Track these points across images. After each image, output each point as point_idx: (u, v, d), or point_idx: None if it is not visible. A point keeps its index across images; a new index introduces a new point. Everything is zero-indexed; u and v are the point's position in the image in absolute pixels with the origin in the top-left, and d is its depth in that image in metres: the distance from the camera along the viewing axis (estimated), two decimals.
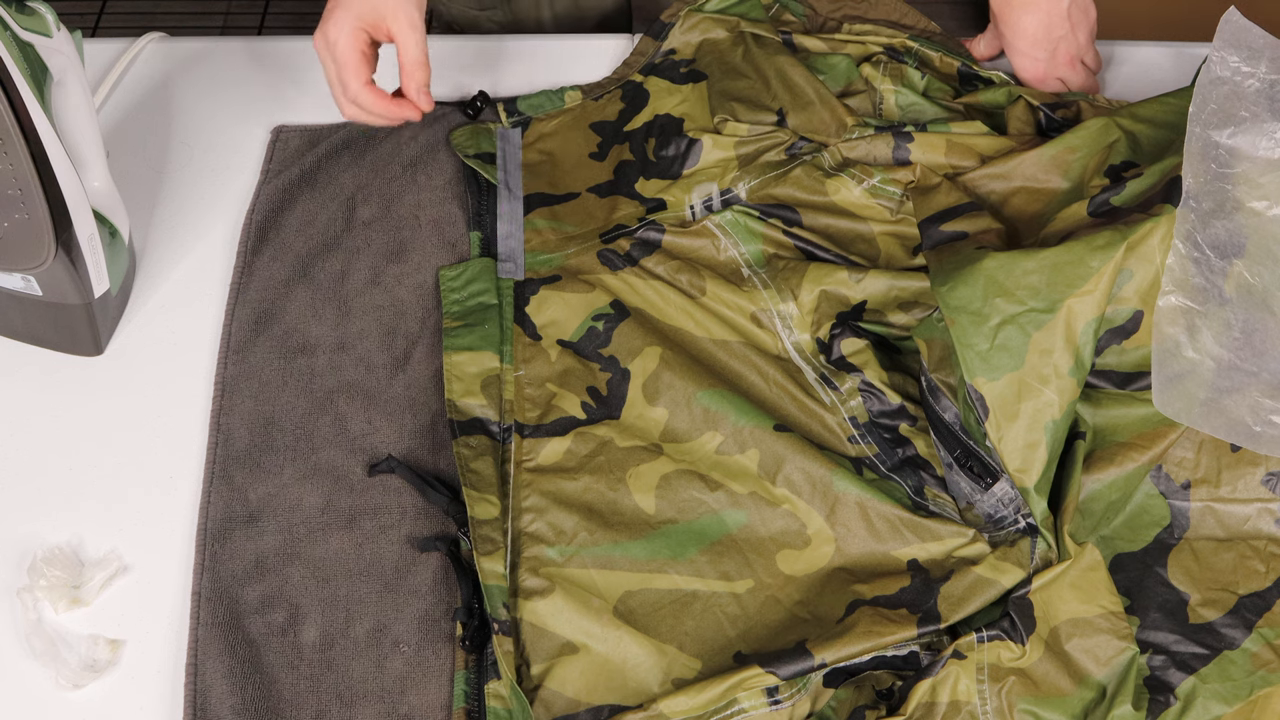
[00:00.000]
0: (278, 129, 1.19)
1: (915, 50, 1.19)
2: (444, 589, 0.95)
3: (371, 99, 1.07)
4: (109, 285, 1.04)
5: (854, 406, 1.02)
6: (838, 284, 1.05)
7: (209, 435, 1.02)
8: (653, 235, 1.09)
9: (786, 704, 0.89)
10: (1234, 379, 0.92)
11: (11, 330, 1.06)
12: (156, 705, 0.92)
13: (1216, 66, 0.98)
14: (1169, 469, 0.97)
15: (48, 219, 0.95)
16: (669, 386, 1.01)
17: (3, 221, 0.94)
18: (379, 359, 1.05)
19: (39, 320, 1.04)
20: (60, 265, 0.98)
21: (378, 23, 1.06)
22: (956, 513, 0.98)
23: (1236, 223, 0.94)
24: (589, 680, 0.91)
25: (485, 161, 1.15)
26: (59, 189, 0.95)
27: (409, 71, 1.07)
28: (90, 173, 1.03)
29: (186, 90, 1.22)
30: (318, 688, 0.92)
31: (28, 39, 0.94)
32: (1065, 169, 1.07)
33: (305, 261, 1.10)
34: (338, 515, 0.98)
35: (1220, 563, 0.96)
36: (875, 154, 1.11)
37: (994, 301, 0.93)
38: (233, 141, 1.18)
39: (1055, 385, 0.92)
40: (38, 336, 1.06)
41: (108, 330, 1.06)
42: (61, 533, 0.98)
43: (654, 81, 1.19)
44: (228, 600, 0.95)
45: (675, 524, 0.97)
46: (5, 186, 0.93)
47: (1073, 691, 0.89)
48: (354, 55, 1.06)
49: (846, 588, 0.94)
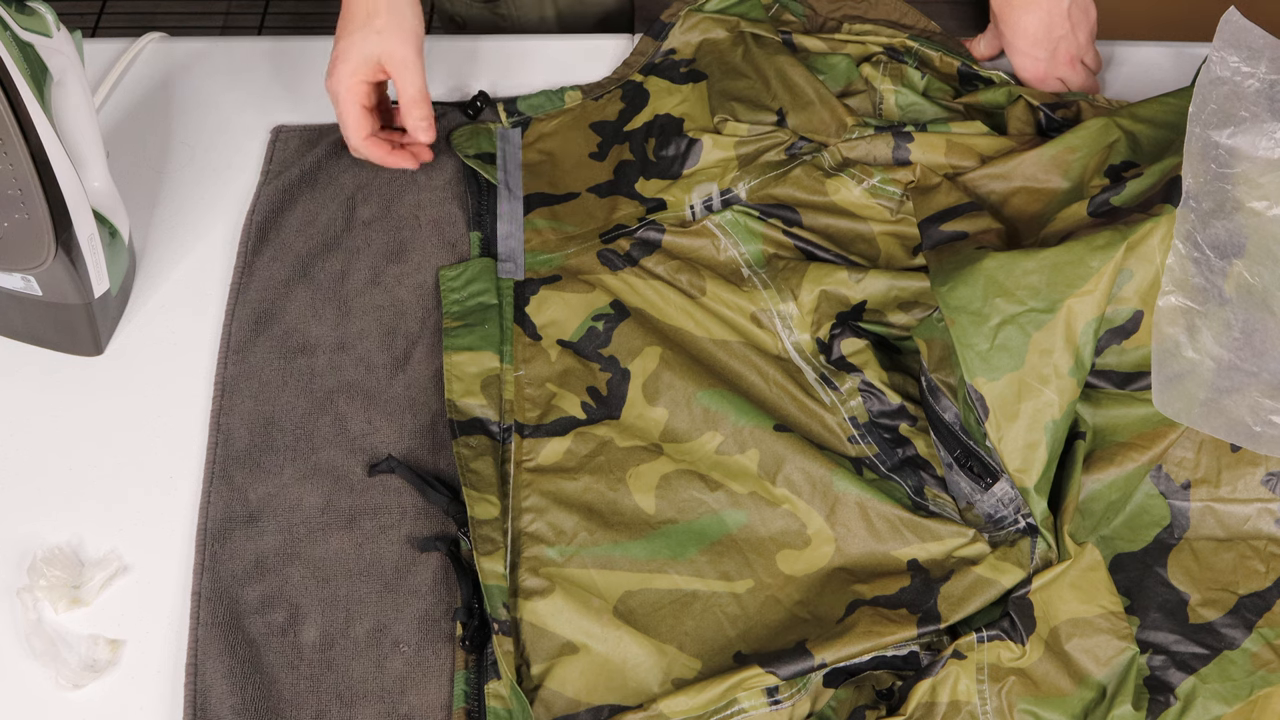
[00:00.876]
0: (278, 129, 1.19)
1: (915, 50, 1.19)
2: (444, 589, 0.95)
3: (372, 152, 1.13)
4: (109, 285, 1.04)
5: (854, 406, 1.02)
6: (838, 284, 1.05)
7: (209, 435, 1.02)
8: (653, 235, 1.09)
9: (786, 704, 0.89)
10: (1234, 379, 0.92)
11: (11, 330, 1.06)
12: (156, 705, 0.92)
13: (1216, 67, 0.98)
14: (1169, 469, 0.97)
15: (48, 219, 0.95)
16: (669, 386, 1.02)
17: (2, 221, 0.94)
18: (379, 359, 1.05)
19: (39, 320, 1.04)
20: (60, 265, 0.98)
21: (375, 70, 1.11)
22: (956, 513, 0.98)
23: (1236, 223, 0.94)
24: (589, 680, 0.91)
25: (485, 161, 1.15)
26: (59, 189, 0.95)
27: (408, 110, 1.13)
28: (90, 173, 1.03)
29: (186, 90, 1.22)
30: (318, 688, 0.92)
31: (28, 39, 0.94)
32: (1065, 169, 1.07)
33: (305, 261, 1.10)
34: (338, 515, 0.98)
35: (1220, 563, 0.96)
36: (875, 154, 1.11)
37: (994, 301, 0.93)
38: (233, 141, 1.18)
39: (1055, 385, 0.92)
40: (38, 336, 1.06)
41: (108, 330, 1.06)
42: (61, 533, 0.98)
43: (654, 81, 1.19)
44: (228, 600, 0.95)
45: (675, 524, 0.97)
46: (5, 187, 0.93)
47: (1073, 691, 0.89)
48: (353, 111, 1.12)
49: (846, 588, 0.94)
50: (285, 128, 1.19)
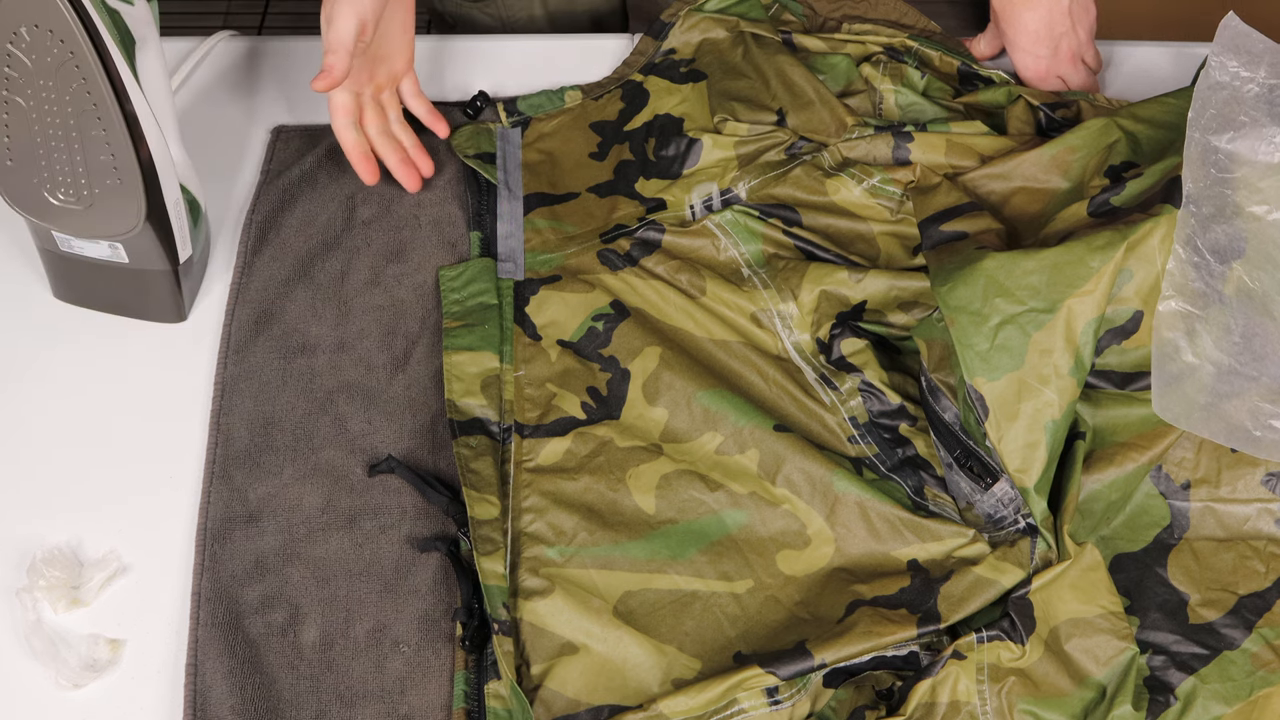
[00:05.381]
0: (277, 129, 1.18)
1: (915, 50, 1.19)
2: (444, 589, 0.95)
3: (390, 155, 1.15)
4: (191, 251, 1.05)
5: (854, 406, 1.02)
6: (838, 284, 1.05)
7: (209, 435, 1.02)
8: (653, 235, 1.09)
9: (786, 704, 0.89)
10: (1233, 384, 0.92)
11: (93, 300, 1.07)
12: (156, 705, 0.92)
13: (1216, 71, 0.98)
14: (1169, 469, 0.97)
15: (140, 184, 0.96)
16: (669, 387, 1.01)
17: (94, 188, 0.96)
18: (379, 359, 1.05)
19: (123, 289, 1.05)
20: (149, 231, 0.99)
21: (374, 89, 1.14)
22: (956, 513, 0.98)
23: (1236, 227, 0.94)
24: (589, 680, 0.91)
25: (485, 161, 1.15)
26: (150, 154, 0.96)
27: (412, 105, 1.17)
28: (171, 139, 1.04)
29: (187, 90, 1.21)
30: (318, 688, 0.92)
31: (114, 6, 0.95)
32: (1065, 169, 1.07)
33: (305, 261, 1.10)
34: (338, 515, 0.98)
35: (1220, 563, 0.96)
36: (875, 154, 1.11)
37: (994, 301, 0.93)
38: (233, 141, 1.18)
39: (1055, 385, 0.92)
40: (121, 305, 1.07)
41: (190, 296, 1.08)
42: (61, 533, 0.98)
43: (654, 81, 1.19)
44: (228, 600, 0.95)
45: (675, 524, 0.97)
46: (98, 153, 0.94)
47: (1073, 691, 0.89)
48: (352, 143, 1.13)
49: (846, 588, 0.94)
50: (285, 128, 1.19)
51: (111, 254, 1.01)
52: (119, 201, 0.97)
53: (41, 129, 0.93)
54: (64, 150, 0.94)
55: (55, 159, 0.95)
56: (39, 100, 0.92)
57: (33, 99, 0.92)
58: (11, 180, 0.96)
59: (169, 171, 0.99)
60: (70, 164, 0.95)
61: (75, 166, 0.95)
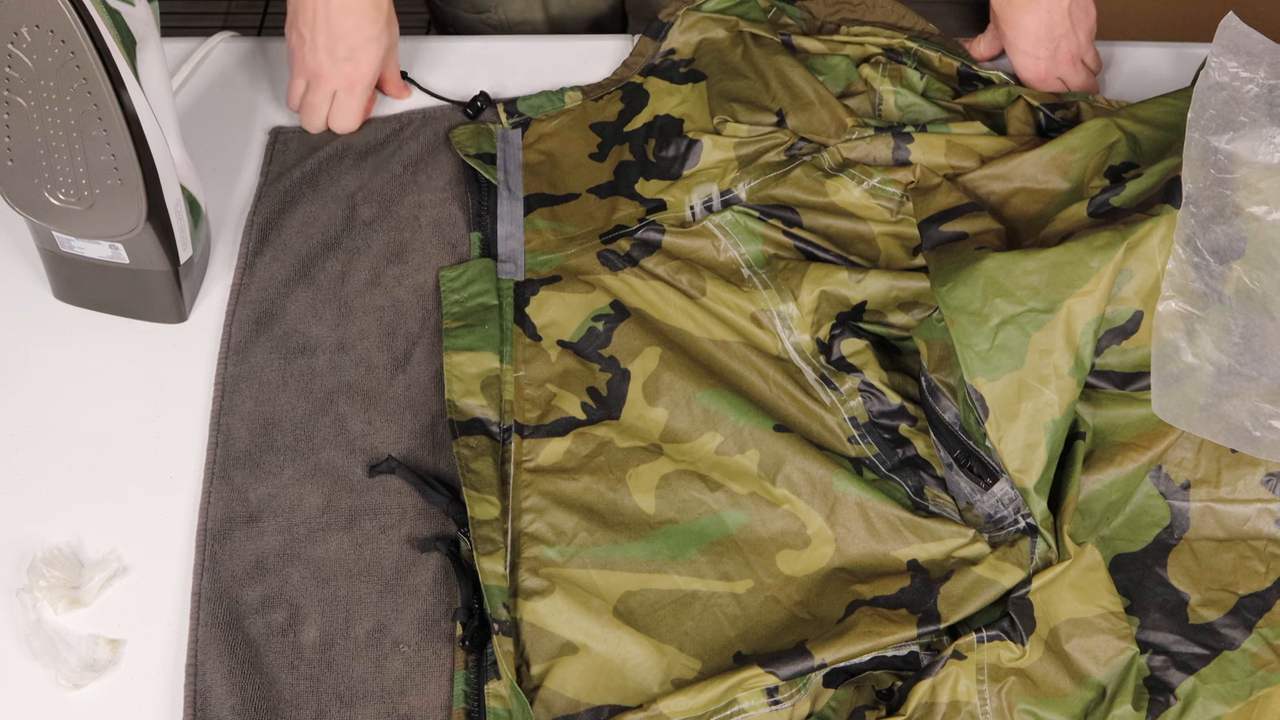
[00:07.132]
0: (277, 130, 1.18)
1: (914, 51, 1.19)
2: (444, 589, 0.95)
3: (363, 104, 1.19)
4: (192, 251, 1.05)
5: (854, 407, 1.02)
6: (838, 284, 1.05)
7: (209, 435, 1.02)
8: (653, 236, 1.09)
9: (786, 704, 0.89)
10: (1233, 384, 0.92)
11: (93, 300, 1.07)
12: (156, 705, 0.92)
13: (1215, 72, 0.98)
14: (1169, 469, 0.97)
15: (140, 184, 0.96)
16: (669, 387, 1.01)
17: (95, 189, 0.96)
18: (379, 359, 1.05)
19: (123, 289, 1.05)
20: (150, 231, 0.99)
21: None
22: (956, 513, 0.98)
23: (1236, 228, 0.94)
24: (589, 680, 0.91)
25: (486, 162, 1.15)
26: (150, 155, 0.97)
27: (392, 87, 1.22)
28: (171, 140, 1.04)
29: (186, 90, 1.21)
30: (318, 688, 0.92)
31: (115, 6, 0.95)
32: (1065, 169, 1.07)
33: (305, 262, 1.10)
34: (338, 515, 0.98)
35: (1220, 563, 0.96)
36: (875, 154, 1.11)
37: (994, 301, 0.93)
38: (233, 142, 1.18)
39: (1055, 385, 0.92)
40: (121, 306, 1.07)
41: (191, 297, 1.08)
42: (61, 533, 0.98)
43: (654, 82, 1.19)
44: (228, 600, 0.95)
45: (675, 524, 0.97)
46: (99, 153, 0.94)
47: (1073, 691, 0.89)
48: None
49: (846, 588, 0.94)
50: (285, 129, 1.19)
51: (112, 254, 1.01)
52: (119, 202, 0.97)
53: (42, 129, 0.93)
54: (65, 150, 0.94)
55: (56, 159, 0.95)
56: (40, 100, 0.92)
57: (33, 99, 0.92)
58: (12, 180, 0.96)
59: (169, 172, 0.99)
60: (71, 164, 0.95)
61: (76, 167, 0.95)
